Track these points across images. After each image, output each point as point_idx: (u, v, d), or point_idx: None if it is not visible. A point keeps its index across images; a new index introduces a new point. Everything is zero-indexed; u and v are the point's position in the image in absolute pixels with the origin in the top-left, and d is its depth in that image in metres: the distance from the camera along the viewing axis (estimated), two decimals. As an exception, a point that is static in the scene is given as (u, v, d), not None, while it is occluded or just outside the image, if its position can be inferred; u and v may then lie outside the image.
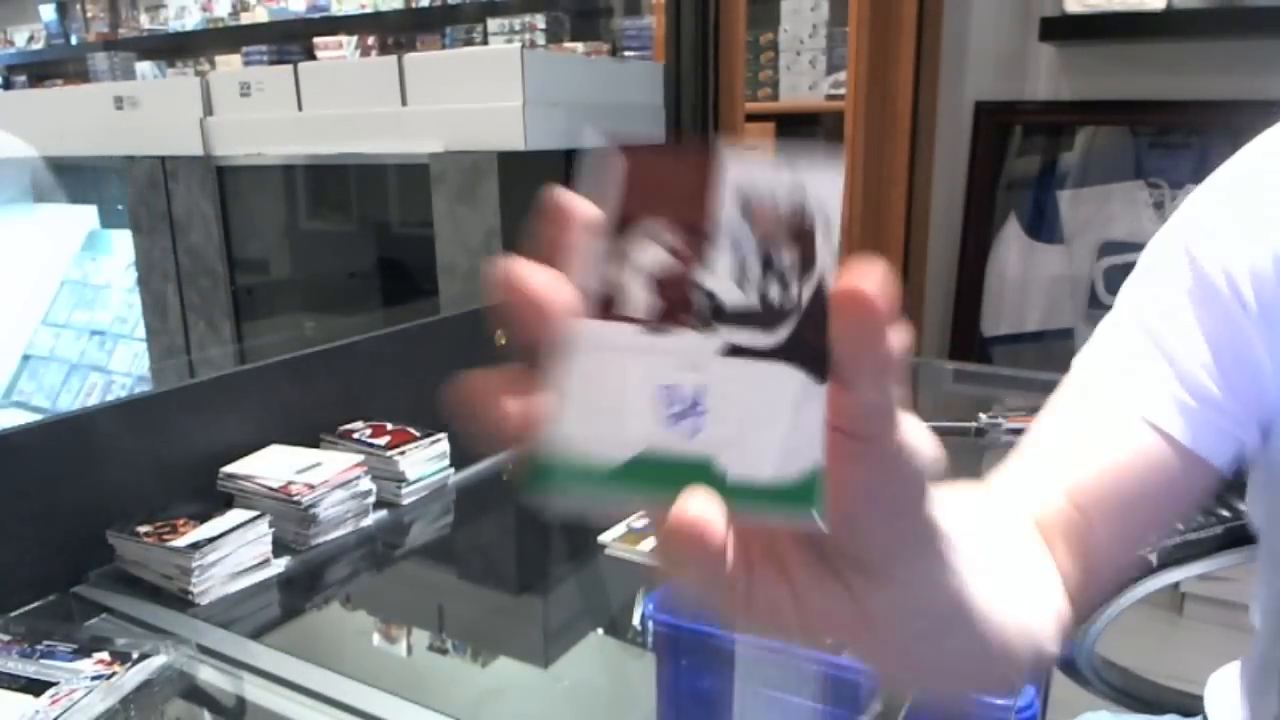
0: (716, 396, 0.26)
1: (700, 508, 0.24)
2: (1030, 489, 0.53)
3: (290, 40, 3.21)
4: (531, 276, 0.25)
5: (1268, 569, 0.62)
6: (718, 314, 0.26)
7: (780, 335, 0.26)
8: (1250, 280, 0.52)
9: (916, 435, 0.28)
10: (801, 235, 0.26)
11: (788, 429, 0.25)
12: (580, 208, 0.26)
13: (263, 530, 0.96)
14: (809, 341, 0.26)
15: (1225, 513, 0.63)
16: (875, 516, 0.28)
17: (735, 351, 0.26)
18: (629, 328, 0.26)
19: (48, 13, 3.85)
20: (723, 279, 0.26)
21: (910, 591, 0.30)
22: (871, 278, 0.24)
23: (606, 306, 0.26)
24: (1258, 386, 0.52)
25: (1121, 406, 0.53)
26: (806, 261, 0.26)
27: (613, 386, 0.26)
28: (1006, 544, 0.48)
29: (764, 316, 0.26)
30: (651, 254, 0.26)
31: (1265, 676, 0.66)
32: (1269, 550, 0.61)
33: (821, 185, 0.26)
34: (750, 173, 0.26)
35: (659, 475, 0.26)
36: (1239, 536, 0.86)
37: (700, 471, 0.26)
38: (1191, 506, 0.53)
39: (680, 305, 0.26)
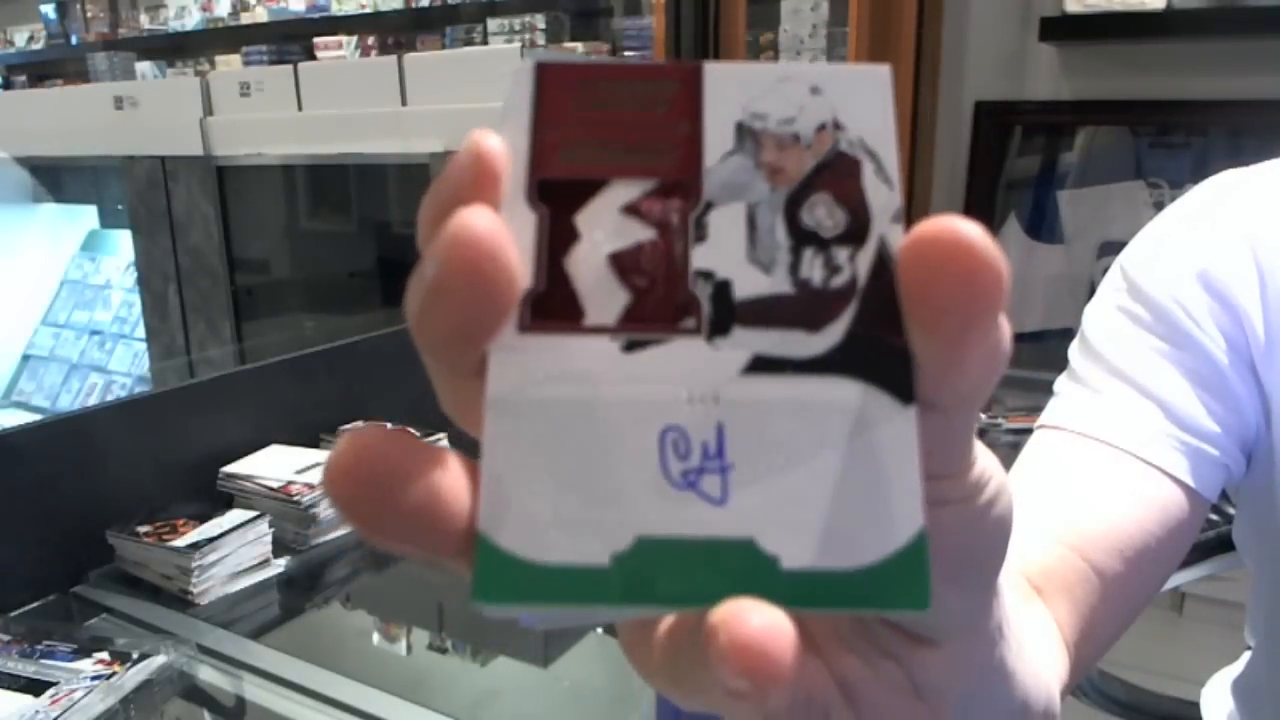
0: (746, 439, 0.16)
1: (764, 621, 0.15)
2: (1021, 543, 0.47)
3: (290, 40, 3.21)
4: (477, 242, 0.16)
5: (1258, 595, 0.61)
6: (731, 310, 0.17)
7: (832, 335, 0.17)
8: (1199, 309, 0.52)
9: (993, 465, 0.21)
10: (841, 178, 0.17)
11: (866, 481, 0.16)
12: (506, 163, 0.17)
13: (263, 530, 0.96)
14: (880, 339, 0.17)
15: (1223, 515, 0.63)
16: (959, 580, 0.21)
17: (765, 366, 0.17)
18: (598, 343, 0.17)
19: (48, 13, 3.85)
20: (730, 253, 0.17)
21: (963, 649, 0.24)
22: (960, 222, 0.16)
23: (557, 314, 0.17)
24: (1239, 413, 0.52)
25: (1114, 451, 0.50)
26: (856, 218, 0.17)
27: (582, 440, 0.16)
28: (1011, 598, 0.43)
29: (803, 308, 0.17)
30: (617, 226, 0.17)
31: (1260, 696, 0.66)
32: (1260, 576, 0.60)
33: (862, 102, 0.18)
34: (748, 89, 0.18)
35: (671, 574, 0.16)
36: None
37: (736, 560, 0.16)
38: (1189, 545, 0.51)
39: (672, 300, 0.17)
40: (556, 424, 0.17)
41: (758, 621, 0.15)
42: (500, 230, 0.16)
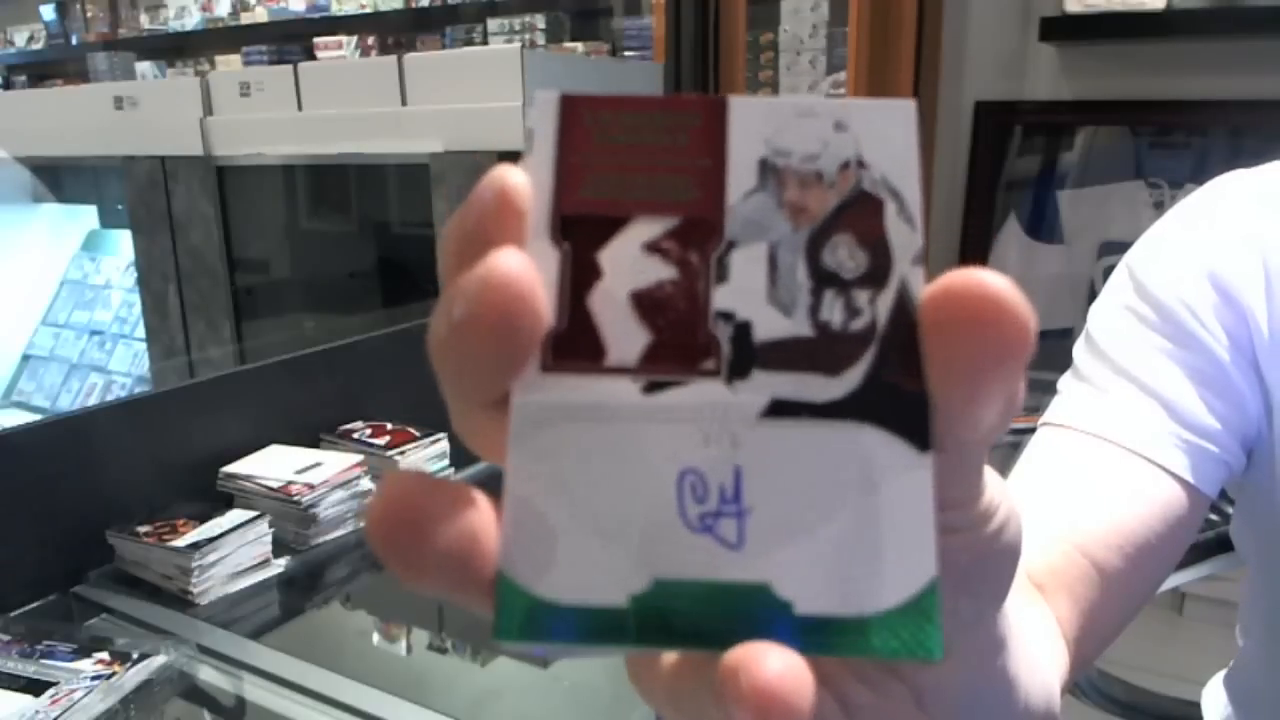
0: (763, 483, 0.17)
1: (782, 666, 0.15)
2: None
3: (290, 40, 3.21)
4: (502, 278, 0.16)
5: (1255, 592, 0.62)
6: (751, 352, 0.17)
7: (851, 380, 0.17)
8: (1204, 308, 0.52)
9: (1002, 491, 0.21)
10: (864, 218, 0.17)
11: (881, 528, 0.17)
12: (531, 197, 0.17)
13: (263, 530, 0.96)
14: (897, 387, 0.17)
15: (1223, 515, 0.63)
16: (967, 600, 0.22)
17: (784, 410, 0.17)
18: (619, 384, 0.17)
19: (48, 13, 3.85)
20: (751, 294, 0.17)
21: (966, 660, 0.25)
22: (990, 276, 0.16)
23: (579, 353, 0.17)
24: (1241, 410, 0.52)
25: (1116, 449, 0.51)
26: (877, 260, 0.17)
27: (602, 482, 0.17)
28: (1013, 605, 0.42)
29: (822, 352, 0.17)
30: (639, 264, 0.17)
31: (1255, 694, 0.66)
32: (1257, 572, 0.60)
33: (886, 138, 0.17)
34: (772, 125, 0.18)
35: (687, 616, 0.16)
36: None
37: (751, 604, 0.16)
38: (1189, 542, 0.52)
39: (692, 342, 0.17)
40: (577, 464, 0.17)
41: (776, 666, 0.15)
42: (530, 273, 0.16)
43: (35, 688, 0.72)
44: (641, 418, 0.17)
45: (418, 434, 1.15)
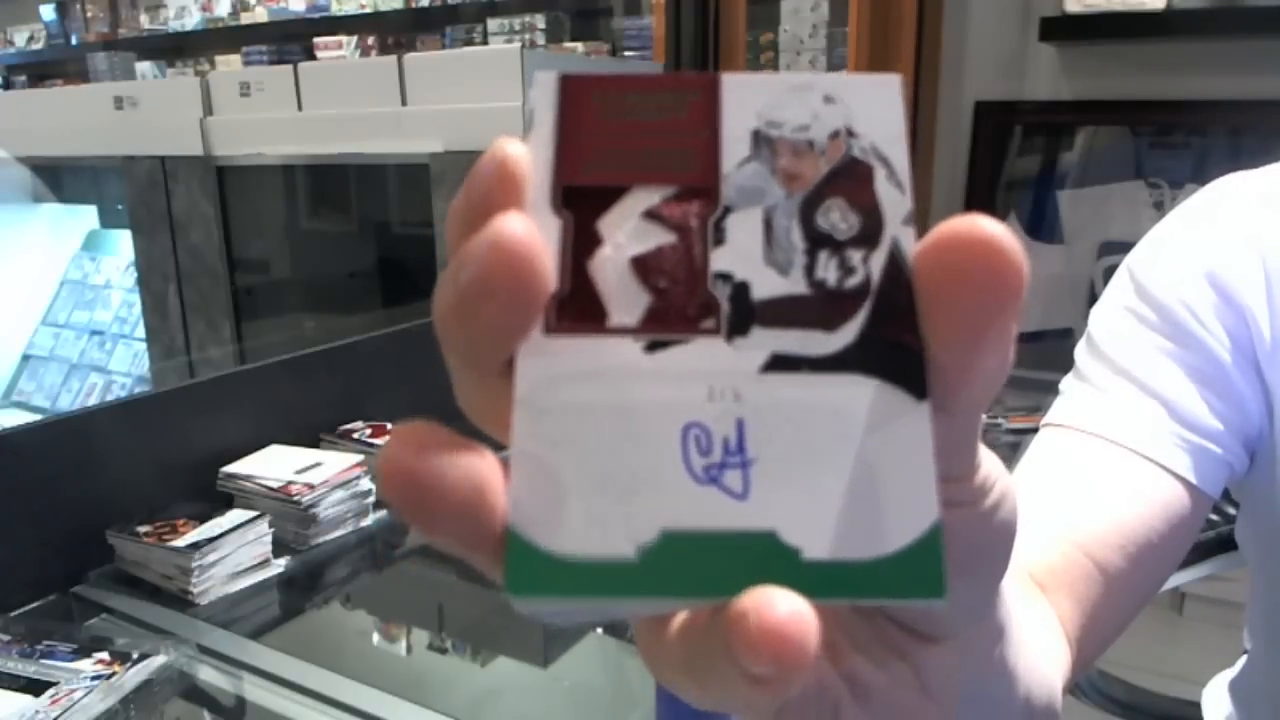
0: (766, 434, 0.17)
1: (790, 608, 0.15)
2: (1024, 540, 0.47)
3: (290, 40, 3.21)
4: (506, 246, 0.16)
5: (1256, 594, 0.62)
6: (749, 310, 0.18)
7: (847, 334, 0.17)
8: (1205, 308, 0.52)
9: (998, 469, 0.22)
10: (854, 183, 0.18)
11: (883, 474, 0.17)
12: (532, 170, 0.18)
13: (263, 530, 0.96)
14: (893, 339, 0.17)
15: (1223, 516, 0.63)
16: (965, 580, 0.22)
17: (784, 364, 0.17)
18: (622, 344, 0.17)
19: (48, 13, 3.85)
20: (748, 256, 0.18)
21: (967, 647, 0.25)
22: (982, 219, 0.17)
23: (582, 316, 0.17)
24: (1242, 411, 0.52)
25: (1118, 449, 0.51)
26: (869, 221, 0.18)
27: (608, 437, 0.17)
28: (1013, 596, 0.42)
29: (819, 308, 0.18)
30: (639, 230, 0.18)
31: (1256, 696, 0.66)
32: (1258, 573, 0.60)
33: (874, 109, 0.18)
34: (764, 98, 0.18)
35: (696, 565, 0.17)
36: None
37: (759, 552, 0.17)
38: (1191, 542, 0.52)
39: (692, 302, 0.18)
40: (583, 422, 0.17)
41: (784, 608, 0.15)
42: (534, 235, 0.16)
43: (35, 688, 0.72)
44: (645, 375, 0.17)
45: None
